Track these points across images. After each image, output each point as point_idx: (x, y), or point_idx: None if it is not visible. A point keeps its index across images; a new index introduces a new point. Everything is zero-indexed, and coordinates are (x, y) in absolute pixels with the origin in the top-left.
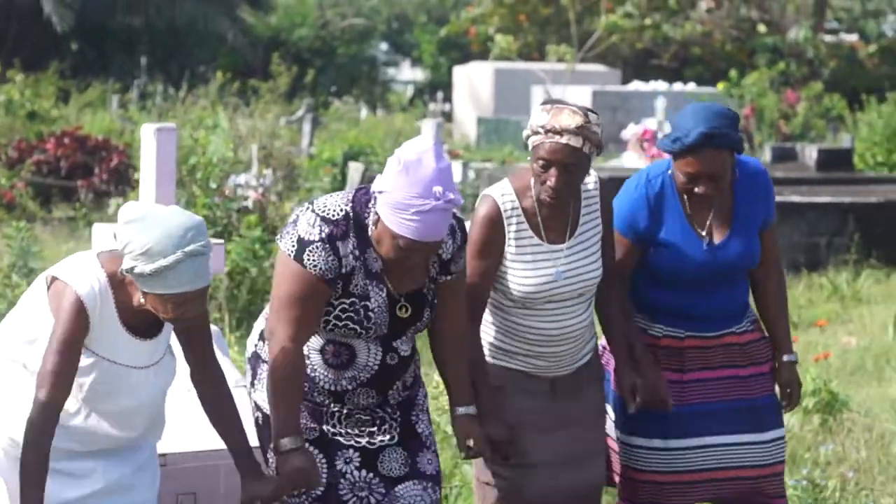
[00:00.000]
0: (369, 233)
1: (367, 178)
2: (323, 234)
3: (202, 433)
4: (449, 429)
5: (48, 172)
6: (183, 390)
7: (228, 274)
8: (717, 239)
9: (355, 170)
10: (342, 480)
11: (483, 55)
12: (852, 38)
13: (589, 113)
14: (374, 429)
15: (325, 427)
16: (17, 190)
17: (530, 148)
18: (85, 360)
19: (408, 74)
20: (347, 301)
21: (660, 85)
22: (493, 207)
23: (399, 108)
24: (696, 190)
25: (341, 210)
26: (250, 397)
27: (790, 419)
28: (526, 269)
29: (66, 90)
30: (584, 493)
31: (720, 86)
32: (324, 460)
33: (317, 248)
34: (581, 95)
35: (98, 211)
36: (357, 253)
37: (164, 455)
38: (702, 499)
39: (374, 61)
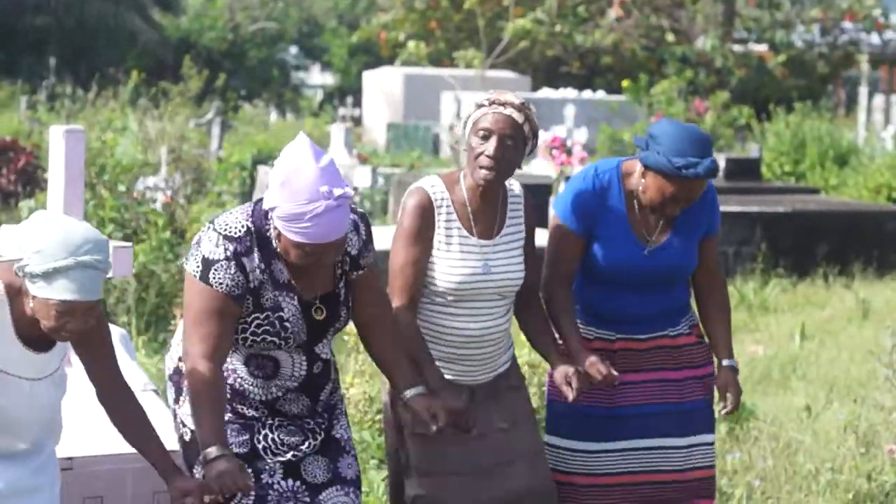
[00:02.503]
0: (274, 245)
1: None
2: (228, 252)
3: (110, 437)
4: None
5: None
6: (88, 393)
7: (136, 276)
8: (655, 243)
9: (264, 173)
10: (270, 492)
11: (393, 60)
12: (762, 48)
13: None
14: (302, 441)
15: (256, 438)
16: None
17: (470, 125)
18: None
19: (318, 79)
20: (261, 315)
21: (569, 93)
22: (424, 196)
23: (309, 112)
24: (668, 210)
25: (242, 226)
26: (175, 414)
27: None
28: (453, 261)
29: None
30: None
31: (625, 84)
32: (251, 474)
33: (222, 266)
34: None
35: (6, 212)
36: (263, 266)
37: (70, 458)
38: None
39: (285, 65)
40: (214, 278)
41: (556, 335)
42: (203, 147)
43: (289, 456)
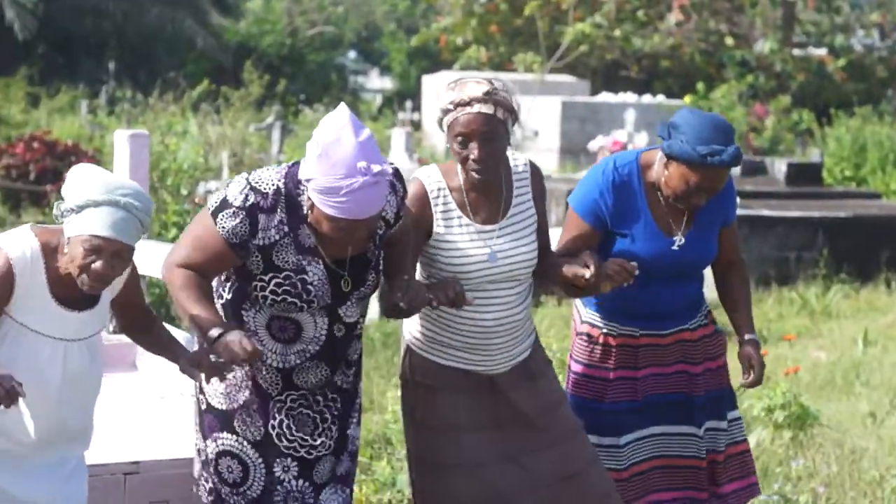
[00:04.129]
0: (304, 212)
1: None
2: (247, 203)
3: (175, 441)
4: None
5: (17, 177)
6: (155, 398)
7: None
8: (678, 237)
9: None
10: (278, 487)
11: (452, 64)
12: (821, 52)
13: (494, 81)
14: (314, 432)
15: (270, 424)
16: None
17: (445, 130)
18: (7, 330)
19: (377, 83)
20: (280, 275)
21: (629, 97)
22: (420, 186)
23: (368, 116)
24: (693, 200)
25: (273, 184)
26: (201, 387)
27: (761, 433)
28: (456, 249)
29: (35, 95)
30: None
31: (687, 98)
32: (262, 465)
33: (233, 212)
34: (550, 106)
35: None
36: (286, 229)
37: (136, 463)
38: (638, 495)
39: (343, 69)
40: (221, 219)
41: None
42: (264, 151)
43: (302, 452)
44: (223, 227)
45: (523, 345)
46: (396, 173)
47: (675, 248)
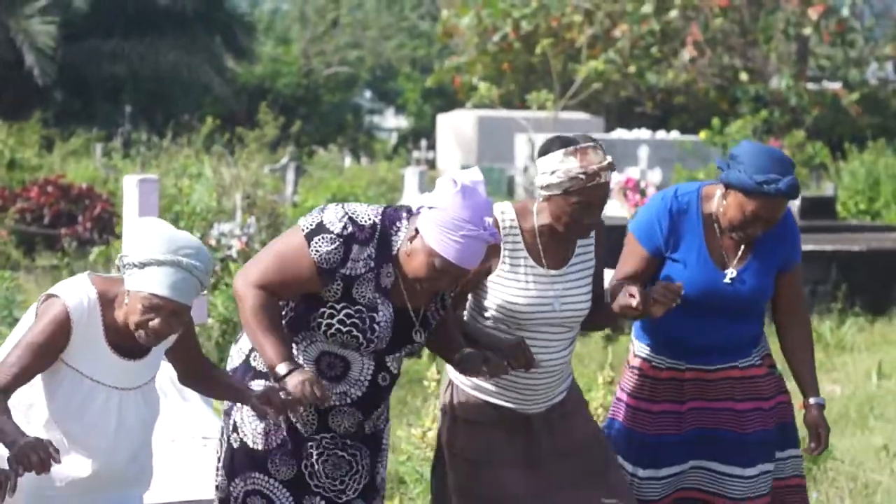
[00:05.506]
0: (394, 250)
1: None
2: (345, 232)
3: (188, 484)
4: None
5: (31, 220)
6: (167, 441)
7: (217, 323)
8: (735, 270)
9: None
10: None
11: (466, 103)
12: (835, 85)
13: (595, 140)
14: (346, 474)
15: (304, 464)
16: (1, 238)
17: (559, 192)
18: (64, 376)
19: (392, 122)
20: (353, 308)
21: (643, 133)
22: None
23: (383, 156)
24: (749, 230)
25: (370, 219)
26: (230, 414)
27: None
28: (518, 290)
29: (49, 139)
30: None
31: (703, 134)
32: (293, 502)
33: (330, 238)
34: None
35: (81, 259)
36: (372, 264)
37: None
38: None
39: (359, 109)
40: (316, 243)
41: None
42: (278, 192)
43: (331, 495)
44: (317, 251)
45: (562, 386)
46: None
47: (726, 281)
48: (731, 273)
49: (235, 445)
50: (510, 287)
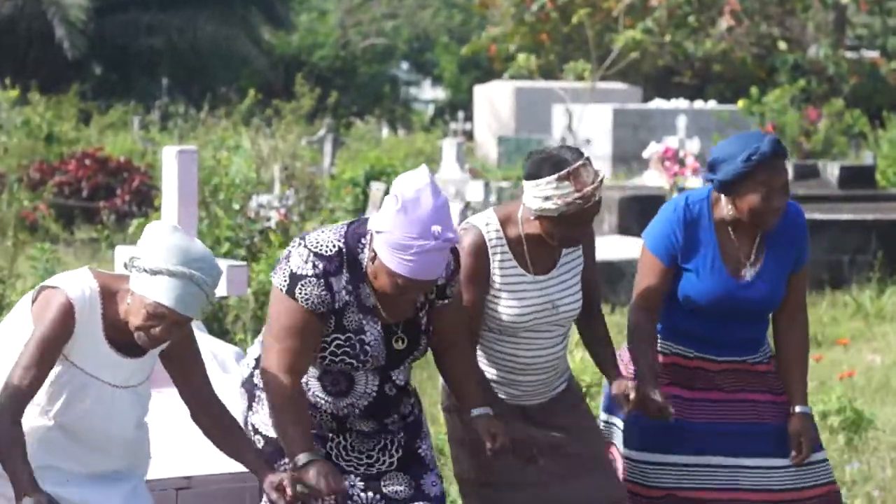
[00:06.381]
0: (364, 268)
1: None
2: (317, 270)
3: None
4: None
5: (70, 194)
6: None
7: (253, 295)
8: (748, 275)
9: (377, 189)
10: (349, 502)
11: (503, 74)
12: (873, 54)
13: (582, 152)
14: (375, 453)
15: (329, 445)
16: (40, 212)
17: (556, 216)
18: (59, 368)
19: (429, 94)
20: (342, 336)
21: (681, 103)
22: (479, 237)
23: (420, 127)
24: (774, 208)
25: (334, 246)
26: (247, 421)
27: None
28: (511, 299)
29: (87, 112)
30: None
31: (740, 103)
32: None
33: (309, 282)
34: (602, 113)
35: (120, 232)
36: (350, 288)
37: (189, 478)
38: None
39: (396, 81)
40: (301, 294)
41: (632, 362)
42: (316, 164)
43: (363, 469)
44: (307, 300)
45: (560, 378)
46: (453, 249)
47: (740, 286)
48: (746, 273)
49: (260, 445)
50: (502, 297)
